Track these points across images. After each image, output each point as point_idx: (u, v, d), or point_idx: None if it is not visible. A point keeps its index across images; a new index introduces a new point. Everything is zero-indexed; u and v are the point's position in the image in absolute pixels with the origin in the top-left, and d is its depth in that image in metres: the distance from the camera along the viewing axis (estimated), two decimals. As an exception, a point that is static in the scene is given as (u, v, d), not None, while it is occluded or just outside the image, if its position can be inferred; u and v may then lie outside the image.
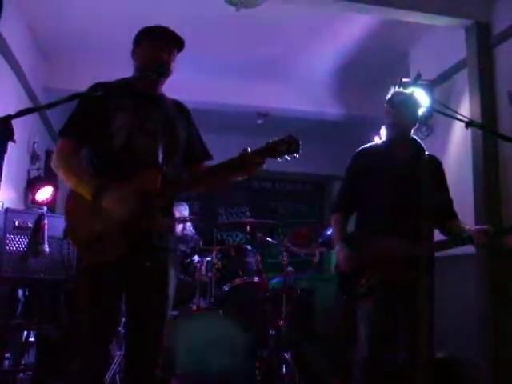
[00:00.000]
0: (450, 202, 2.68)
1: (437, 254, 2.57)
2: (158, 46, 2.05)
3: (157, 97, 2.14)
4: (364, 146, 2.76)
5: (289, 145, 1.95)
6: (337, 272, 2.63)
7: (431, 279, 2.54)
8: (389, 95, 2.69)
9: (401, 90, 2.72)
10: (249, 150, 1.94)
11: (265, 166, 2.01)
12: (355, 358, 2.53)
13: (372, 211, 2.61)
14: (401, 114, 2.61)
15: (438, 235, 2.64)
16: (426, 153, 2.67)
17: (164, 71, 2.06)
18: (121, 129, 1.98)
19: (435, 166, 2.69)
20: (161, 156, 2.04)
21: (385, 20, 4.25)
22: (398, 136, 2.65)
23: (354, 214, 2.75)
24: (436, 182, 2.64)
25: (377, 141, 2.77)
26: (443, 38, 4.26)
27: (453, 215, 2.65)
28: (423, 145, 2.69)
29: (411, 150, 2.64)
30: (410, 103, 2.65)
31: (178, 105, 2.22)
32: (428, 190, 2.55)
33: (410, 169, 2.58)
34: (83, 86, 2.03)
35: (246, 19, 4.04)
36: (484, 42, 3.79)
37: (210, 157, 2.26)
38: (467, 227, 2.51)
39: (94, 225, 1.90)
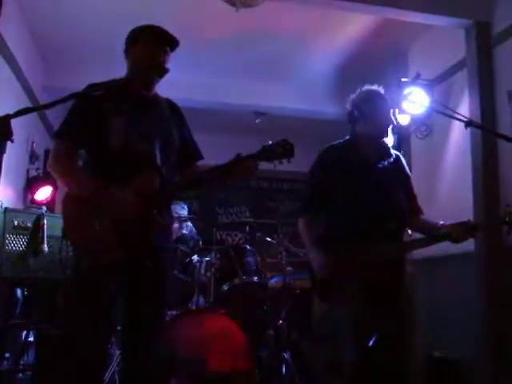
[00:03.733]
0: (414, 197, 2.59)
1: (436, 254, 2.56)
2: (156, 47, 2.05)
3: (151, 97, 2.13)
4: (332, 144, 2.67)
5: (284, 148, 1.95)
6: (312, 277, 2.46)
7: (405, 278, 2.49)
8: (355, 98, 2.60)
9: (369, 88, 2.63)
10: (243, 154, 1.95)
11: (264, 166, 2.02)
12: (344, 360, 2.47)
13: (344, 213, 2.45)
14: (372, 121, 2.54)
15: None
16: (392, 151, 2.60)
17: (163, 73, 2.06)
18: (117, 131, 1.98)
19: (400, 163, 2.60)
20: (158, 157, 2.04)
21: (384, 19, 4.25)
22: (368, 136, 2.57)
23: (319, 215, 2.58)
24: (401, 179, 2.57)
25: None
26: (442, 38, 4.26)
27: (418, 211, 2.58)
28: (387, 143, 2.60)
29: (378, 149, 2.56)
30: (383, 107, 2.55)
31: (170, 104, 2.21)
32: (397, 189, 2.51)
33: (378, 168, 2.50)
34: (82, 86, 2.03)
35: (246, 19, 4.04)
36: (483, 41, 3.78)
37: (201, 157, 2.26)
38: (441, 223, 2.43)
39: (92, 226, 1.89)
